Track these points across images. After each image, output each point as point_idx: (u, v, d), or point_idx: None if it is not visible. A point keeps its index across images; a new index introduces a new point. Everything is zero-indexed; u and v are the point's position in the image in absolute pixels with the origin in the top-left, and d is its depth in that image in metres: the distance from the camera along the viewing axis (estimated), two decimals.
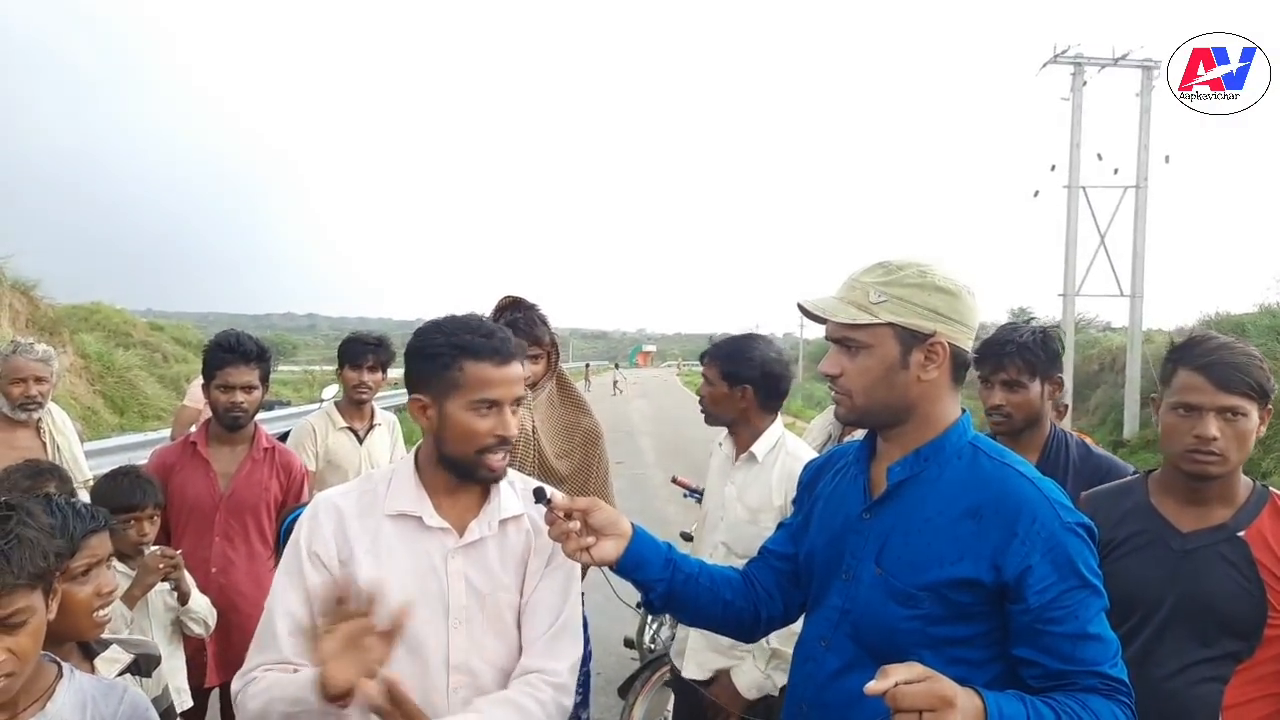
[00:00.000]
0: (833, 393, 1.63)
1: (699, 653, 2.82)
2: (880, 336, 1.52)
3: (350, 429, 4.10)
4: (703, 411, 2.87)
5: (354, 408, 4.14)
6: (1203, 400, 1.89)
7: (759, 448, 2.74)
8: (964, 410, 1.60)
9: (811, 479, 1.83)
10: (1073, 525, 1.45)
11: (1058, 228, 17.51)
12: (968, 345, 1.57)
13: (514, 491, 1.81)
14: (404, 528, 1.72)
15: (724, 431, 2.92)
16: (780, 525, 1.92)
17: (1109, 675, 1.41)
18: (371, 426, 4.17)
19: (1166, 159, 17.00)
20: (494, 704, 1.65)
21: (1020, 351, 2.53)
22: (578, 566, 1.81)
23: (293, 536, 1.75)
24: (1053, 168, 17.45)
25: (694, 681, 2.83)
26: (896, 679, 1.23)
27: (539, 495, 1.71)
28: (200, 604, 2.83)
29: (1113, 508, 2.07)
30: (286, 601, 1.69)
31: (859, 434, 2.98)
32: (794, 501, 1.90)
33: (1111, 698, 1.40)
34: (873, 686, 1.23)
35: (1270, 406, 1.91)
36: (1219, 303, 23.41)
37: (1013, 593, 1.42)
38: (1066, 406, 3.31)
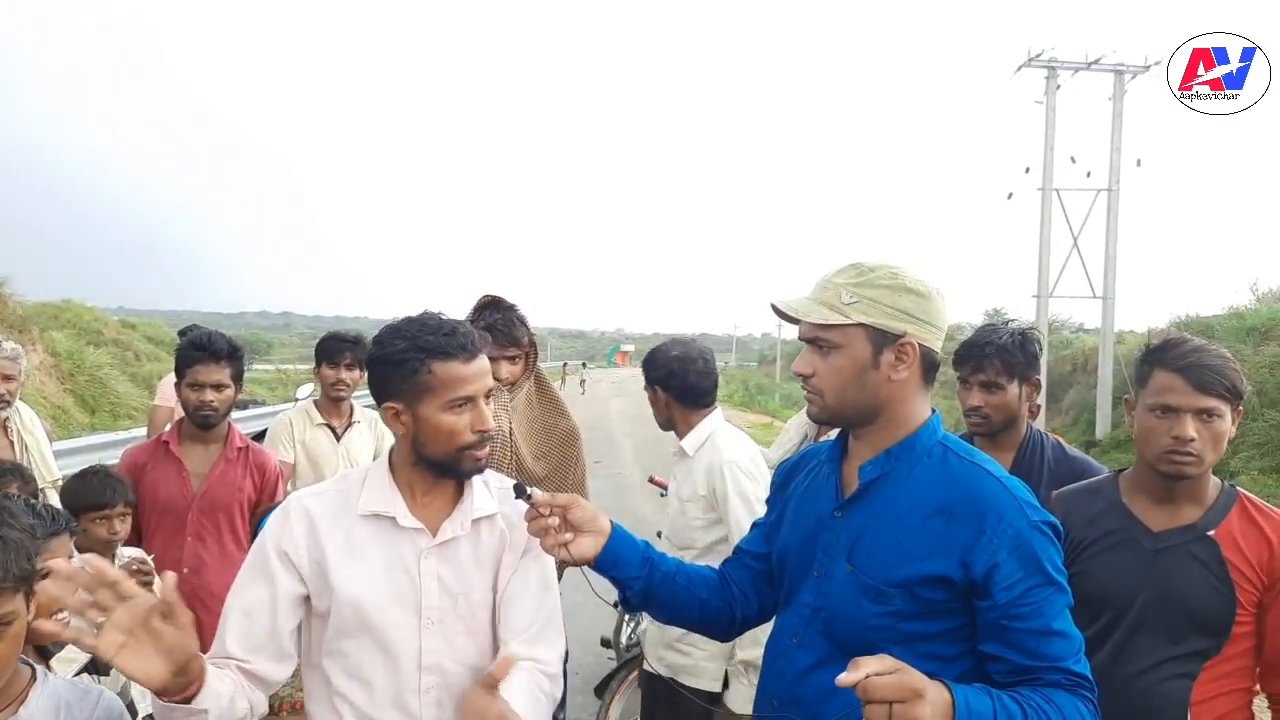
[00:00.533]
0: (804, 391, 1.64)
1: (654, 647, 2.90)
2: (852, 337, 1.55)
3: (328, 426, 4.10)
4: (659, 421, 3.00)
5: (332, 405, 4.15)
6: (1181, 402, 1.90)
7: (688, 443, 2.86)
8: (934, 411, 1.63)
9: (784, 479, 1.85)
10: (1039, 524, 1.48)
11: (1031, 229, 17.69)
12: (938, 346, 1.59)
13: (488, 490, 1.81)
14: (377, 528, 1.71)
15: None
16: (754, 525, 1.94)
17: (1073, 671, 1.45)
18: (350, 424, 4.17)
19: (1138, 163, 17.20)
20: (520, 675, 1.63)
21: (999, 353, 2.55)
22: (553, 560, 1.81)
23: (261, 535, 1.73)
24: (1027, 170, 17.60)
25: (654, 674, 2.87)
26: (867, 671, 1.26)
27: (519, 491, 1.70)
28: None
29: (1084, 507, 2.09)
30: (244, 597, 1.67)
31: (834, 434, 3.02)
32: (767, 501, 1.92)
33: (1075, 692, 1.44)
34: (844, 678, 1.26)
35: (1241, 408, 1.94)
36: (1189, 305, 23.80)
37: (980, 590, 1.45)
38: (1039, 407, 3.34)
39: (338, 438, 4.10)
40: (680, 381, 2.85)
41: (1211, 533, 1.92)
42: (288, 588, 1.67)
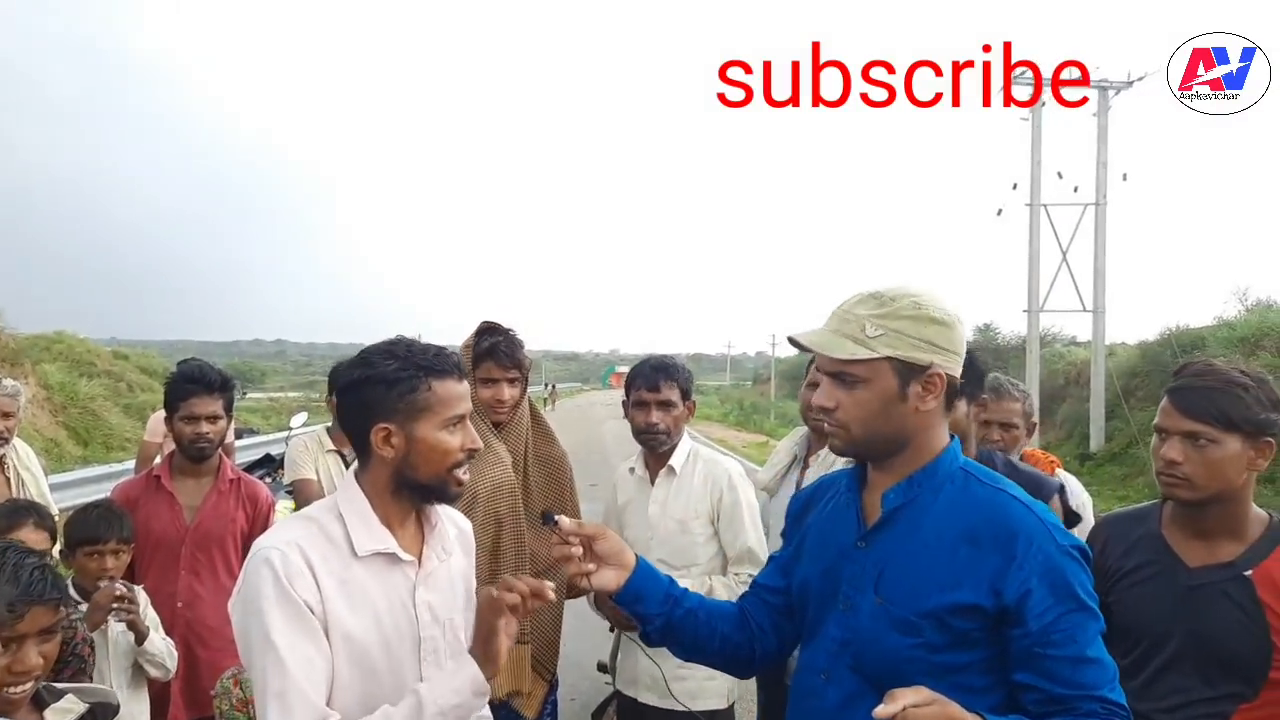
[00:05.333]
0: (827, 425, 1.61)
1: (650, 678, 2.76)
2: (878, 370, 1.51)
3: (339, 453, 4.11)
4: (665, 434, 2.91)
5: (343, 432, 4.15)
6: (1167, 424, 1.89)
7: (676, 460, 2.87)
8: (953, 436, 1.61)
9: (800, 510, 1.81)
10: (1068, 548, 1.46)
11: (1021, 245, 17.77)
12: (958, 373, 1.57)
13: (443, 513, 1.83)
14: (373, 566, 1.66)
15: (631, 458, 3.06)
16: (770, 558, 1.91)
17: (1109, 699, 1.42)
18: None
19: (1124, 177, 17.32)
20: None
21: None
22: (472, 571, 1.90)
23: (272, 583, 1.55)
24: (1015, 186, 17.71)
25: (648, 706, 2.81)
26: (905, 703, 1.25)
27: (547, 518, 1.71)
28: (158, 646, 2.76)
29: (1124, 535, 2.05)
30: (299, 649, 1.53)
31: (821, 455, 3.01)
32: (782, 534, 1.89)
33: None
34: (881, 710, 1.24)
35: (1270, 440, 1.85)
36: (1179, 316, 23.81)
37: (1013, 617, 1.42)
38: (1035, 424, 3.35)
39: (347, 464, 4.10)
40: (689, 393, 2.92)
41: (1249, 572, 1.84)
42: (325, 643, 1.58)
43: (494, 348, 2.81)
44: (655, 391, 2.87)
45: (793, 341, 1.62)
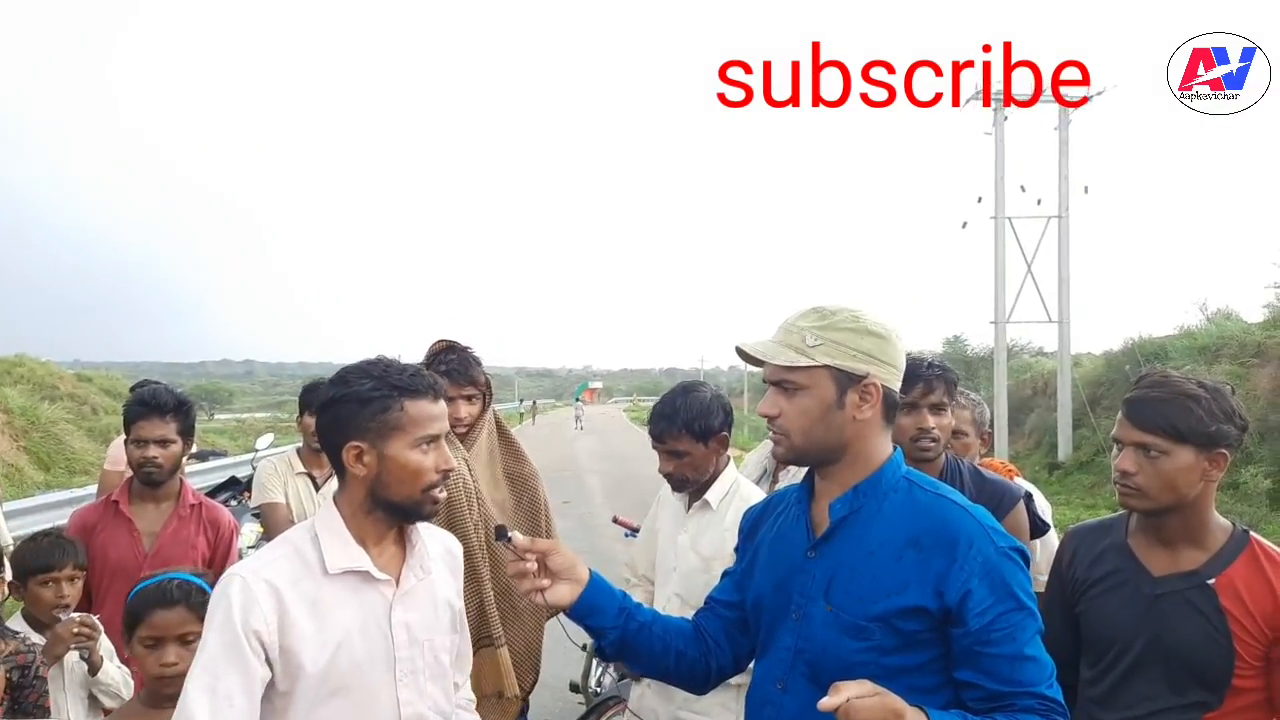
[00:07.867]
0: (770, 432, 1.66)
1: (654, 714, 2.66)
2: (817, 378, 1.58)
3: (309, 475, 4.06)
4: (683, 480, 2.65)
5: (313, 454, 4.12)
6: (1121, 435, 1.93)
7: (713, 494, 2.62)
8: (896, 447, 1.67)
9: (752, 526, 1.85)
10: (1007, 550, 1.52)
11: (987, 257, 18.02)
12: (897, 386, 1.64)
13: (427, 533, 1.84)
14: (346, 585, 1.67)
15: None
16: (725, 574, 1.92)
17: (1045, 696, 1.48)
18: (331, 474, 4.10)
19: (1086, 189, 17.65)
20: None
21: (943, 374, 2.53)
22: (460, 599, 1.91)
23: (224, 609, 1.59)
24: (979, 199, 17.97)
25: None
26: (848, 694, 1.31)
27: (500, 533, 1.71)
28: (113, 675, 2.69)
29: (1092, 545, 2.07)
30: (216, 678, 1.54)
31: (791, 468, 2.97)
32: (735, 550, 1.91)
33: (1048, 717, 1.48)
34: (826, 702, 1.31)
35: (1223, 452, 1.86)
36: (1142, 326, 24.21)
37: (955, 616, 1.48)
38: (988, 433, 3.37)
39: (317, 487, 4.05)
40: (729, 424, 2.65)
41: (1212, 581, 1.86)
42: (260, 673, 1.58)
43: (447, 368, 2.82)
44: (661, 442, 2.62)
45: (739, 351, 1.69)
